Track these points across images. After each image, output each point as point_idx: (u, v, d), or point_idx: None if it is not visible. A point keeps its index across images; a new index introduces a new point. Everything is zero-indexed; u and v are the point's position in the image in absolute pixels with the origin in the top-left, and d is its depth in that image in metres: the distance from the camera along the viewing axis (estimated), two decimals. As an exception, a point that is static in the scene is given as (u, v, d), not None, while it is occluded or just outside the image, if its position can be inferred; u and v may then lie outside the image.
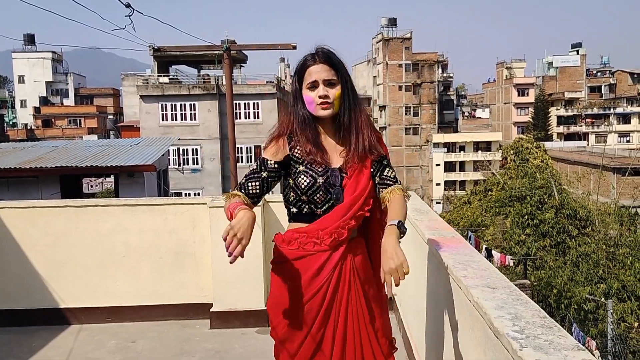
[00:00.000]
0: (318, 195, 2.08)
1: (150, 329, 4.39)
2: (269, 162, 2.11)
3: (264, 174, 2.10)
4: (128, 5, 4.01)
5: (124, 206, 4.54)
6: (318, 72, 2.09)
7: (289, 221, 2.19)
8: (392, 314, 4.52)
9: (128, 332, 4.34)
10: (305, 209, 2.11)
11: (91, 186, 37.98)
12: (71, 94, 69.64)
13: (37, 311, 4.50)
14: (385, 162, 2.19)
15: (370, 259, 2.23)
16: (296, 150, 2.12)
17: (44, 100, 66.73)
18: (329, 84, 2.09)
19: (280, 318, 2.10)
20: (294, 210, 2.14)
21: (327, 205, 2.09)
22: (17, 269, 4.51)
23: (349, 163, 2.12)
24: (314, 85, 2.09)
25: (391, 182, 2.16)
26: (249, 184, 2.09)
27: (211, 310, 4.40)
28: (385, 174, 2.17)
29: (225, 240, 1.84)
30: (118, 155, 13.79)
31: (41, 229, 4.53)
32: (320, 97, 2.07)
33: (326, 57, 2.11)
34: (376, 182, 2.16)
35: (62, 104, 67.92)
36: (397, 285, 1.85)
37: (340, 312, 2.07)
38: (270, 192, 2.29)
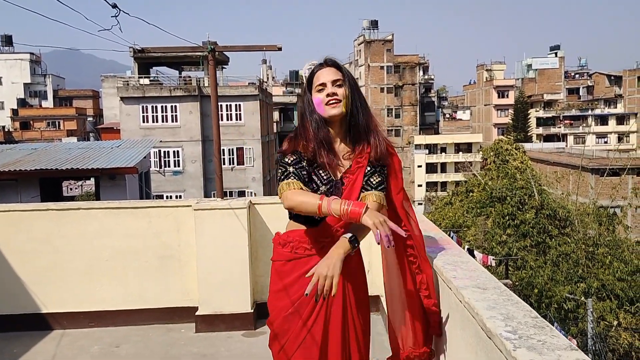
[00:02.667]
0: None
1: (134, 333, 4.33)
2: (301, 154, 2.12)
3: (304, 163, 2.12)
4: (115, 6, 3.95)
5: (108, 209, 4.48)
6: (326, 74, 2.16)
7: (289, 218, 2.23)
8: (378, 315, 4.53)
9: (112, 337, 4.27)
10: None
11: (70, 189, 37.42)
12: (50, 95, 68.61)
13: (18, 316, 4.42)
14: (379, 169, 2.19)
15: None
16: (308, 152, 2.15)
17: (22, 102, 65.63)
18: (336, 84, 2.14)
19: (276, 312, 2.16)
20: (294, 213, 2.18)
21: None
22: (-3, 273, 4.42)
23: (348, 173, 2.15)
24: (322, 88, 2.14)
25: (369, 188, 2.15)
26: (298, 172, 2.09)
27: (197, 313, 4.36)
28: (371, 179, 2.17)
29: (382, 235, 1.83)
30: (99, 157, 13.60)
31: (23, 233, 4.44)
32: (328, 95, 2.12)
33: (333, 62, 2.19)
34: (362, 185, 2.16)
35: (40, 105, 66.89)
36: (321, 294, 1.86)
37: (330, 310, 2.11)
38: (253, 195, 2.30)
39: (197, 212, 4.28)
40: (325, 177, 2.13)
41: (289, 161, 2.09)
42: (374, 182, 2.16)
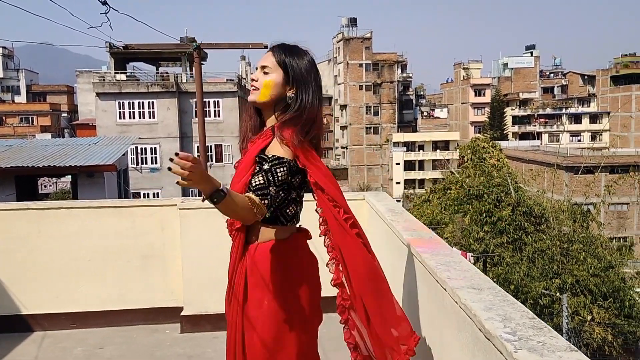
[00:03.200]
0: None
1: (118, 334, 4.27)
2: None
3: None
4: (105, 3, 3.87)
5: (89, 208, 4.40)
6: (262, 59, 2.06)
7: None
8: (364, 314, 4.54)
9: (95, 338, 4.20)
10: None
11: (45, 186, 36.76)
12: (23, 90, 67.26)
13: (-3, 318, 4.32)
14: (265, 168, 1.96)
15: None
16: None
17: (-6, 97, 64.32)
18: (263, 70, 2.03)
19: None
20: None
21: None
22: (-25, 274, 4.32)
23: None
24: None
25: (248, 190, 1.96)
26: None
27: (182, 314, 4.31)
28: (253, 180, 1.97)
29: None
30: (76, 155, 13.36)
31: (1, 233, 4.34)
32: (252, 79, 2.03)
33: (273, 47, 2.07)
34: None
35: (13, 101, 65.54)
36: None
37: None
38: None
39: (182, 211, 4.23)
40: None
41: None
42: (255, 184, 1.95)
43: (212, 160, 32.23)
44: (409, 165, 63.06)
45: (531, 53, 77.56)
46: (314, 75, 2.08)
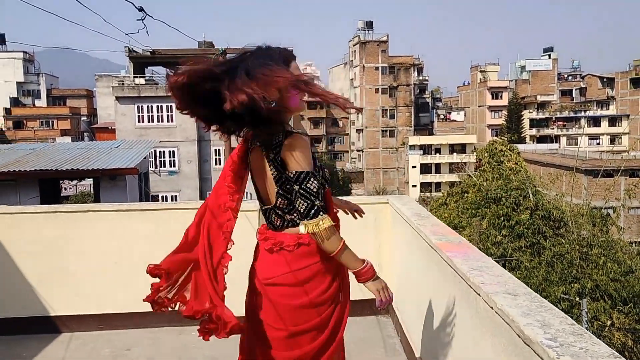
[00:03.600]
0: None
1: (144, 336, 4.32)
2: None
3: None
4: (141, 9, 3.94)
5: (118, 211, 4.46)
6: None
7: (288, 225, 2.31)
8: (387, 318, 4.54)
9: (122, 340, 4.26)
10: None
11: (65, 189, 37.27)
12: (43, 94, 68.23)
13: (26, 319, 4.39)
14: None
15: None
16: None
17: (15, 101, 65.23)
18: None
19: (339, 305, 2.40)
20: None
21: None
22: (5, 276, 4.39)
23: None
24: None
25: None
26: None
27: (207, 316, 4.35)
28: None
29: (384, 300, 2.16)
30: (99, 158, 13.53)
31: (30, 235, 4.42)
32: None
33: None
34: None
35: (33, 105, 66.49)
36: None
37: None
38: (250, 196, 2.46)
39: (209, 214, 4.27)
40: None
41: (318, 188, 2.06)
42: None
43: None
44: (425, 169, 62.80)
45: (549, 55, 76.84)
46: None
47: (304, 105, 2.13)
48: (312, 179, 2.01)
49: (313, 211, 1.99)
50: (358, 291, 4.66)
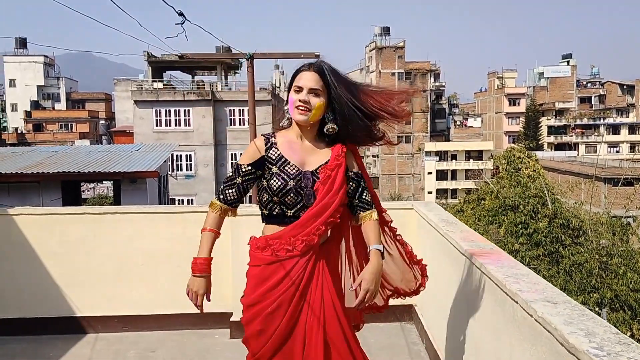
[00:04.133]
0: (289, 197, 2.16)
1: (169, 338, 4.34)
2: (242, 167, 2.23)
3: (239, 180, 2.25)
4: (181, 14, 3.99)
5: (143, 214, 4.50)
6: (307, 79, 2.17)
7: (263, 222, 2.33)
8: (411, 324, 4.51)
9: (146, 342, 4.28)
10: (276, 211, 2.21)
11: (82, 191, 37.66)
12: (63, 98, 69.18)
13: (52, 320, 4.44)
14: (363, 184, 2.29)
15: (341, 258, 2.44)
16: (271, 152, 2.20)
17: (35, 104, 66.23)
18: (314, 93, 2.16)
19: (253, 316, 2.20)
20: (266, 212, 2.26)
21: (297, 207, 2.18)
22: (32, 277, 4.45)
23: (324, 168, 2.19)
24: (299, 90, 2.17)
25: (368, 207, 2.29)
26: (226, 192, 2.29)
27: (231, 319, 4.36)
28: (363, 197, 2.28)
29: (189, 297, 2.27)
30: (120, 161, 13.66)
31: (58, 237, 4.47)
32: (300, 100, 2.15)
33: (319, 68, 2.19)
34: (355, 203, 2.27)
35: (53, 108, 67.44)
36: (357, 306, 2.12)
37: (310, 309, 2.17)
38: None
39: (233, 218, 4.29)
40: (292, 172, 2.17)
41: (226, 177, 2.28)
42: (369, 199, 2.29)
43: (245, 168, 32.56)
44: (441, 175, 62.49)
45: (568, 62, 76.17)
46: (345, 92, 2.22)
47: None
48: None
49: None
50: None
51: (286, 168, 2.18)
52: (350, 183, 2.25)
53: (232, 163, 32.87)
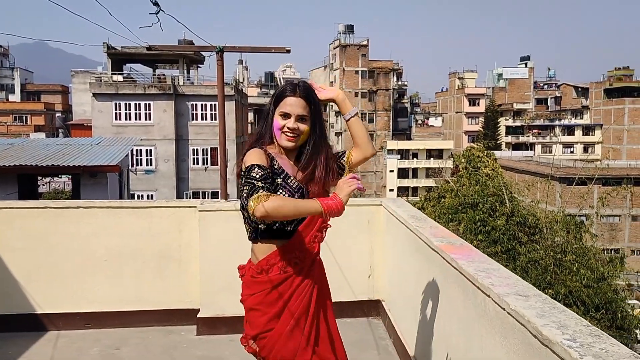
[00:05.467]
0: None
1: (133, 335, 4.26)
2: (260, 168, 2.02)
3: (270, 171, 2.05)
4: (155, 3, 3.88)
5: (107, 208, 4.39)
6: (294, 105, 2.15)
7: (255, 238, 2.14)
8: (378, 320, 4.56)
9: (110, 339, 4.19)
10: (276, 225, 2.10)
11: (38, 186, 36.47)
12: (17, 89, 66.83)
13: (12, 316, 4.30)
14: (331, 153, 2.32)
15: None
16: (274, 163, 2.14)
17: (-12, 95, 63.83)
18: (301, 119, 2.16)
19: (271, 341, 2.10)
20: (262, 226, 2.10)
21: (295, 221, 2.12)
22: (-10, 272, 4.30)
23: (311, 183, 2.18)
24: (286, 115, 2.15)
25: (342, 155, 2.38)
26: (262, 183, 1.96)
27: (198, 316, 4.31)
28: (339, 161, 2.35)
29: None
30: (79, 154, 13.26)
31: (18, 231, 4.33)
32: (289, 128, 2.14)
33: (306, 93, 2.18)
34: (338, 165, 2.33)
35: (7, 99, 65.05)
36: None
37: (319, 312, 2.20)
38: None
39: (202, 213, 4.24)
40: (294, 186, 2.14)
41: (257, 176, 1.97)
42: (339, 155, 2.37)
43: (207, 164, 32.20)
44: (402, 173, 63.18)
45: (526, 64, 78.12)
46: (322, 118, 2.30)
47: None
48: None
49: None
50: (349, 293, 4.67)
51: (289, 181, 2.14)
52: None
53: (193, 159, 32.45)
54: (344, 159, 2.35)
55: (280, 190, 2.08)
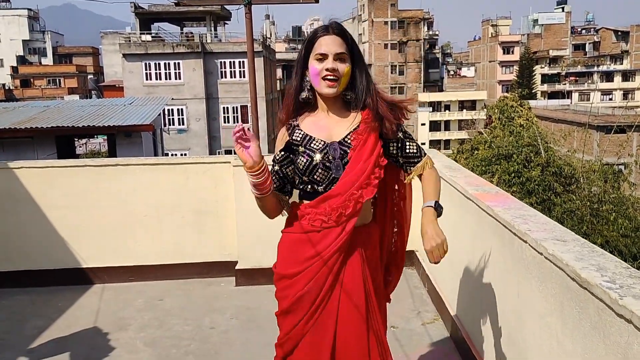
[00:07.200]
0: (317, 173, 1.96)
1: (175, 287, 4.42)
2: (276, 155, 2.02)
3: (276, 167, 2.00)
4: None
5: (145, 165, 4.50)
6: (329, 44, 1.93)
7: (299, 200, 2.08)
8: (412, 269, 4.61)
9: (153, 291, 4.36)
10: (308, 188, 2.00)
11: (75, 147, 37.30)
12: (49, 52, 67.66)
13: (59, 271, 4.50)
14: (402, 136, 2.04)
15: (382, 243, 2.21)
16: (295, 135, 2.01)
17: (22, 60, 64.80)
18: (339, 58, 1.93)
19: (282, 295, 2.04)
20: (301, 193, 2.04)
21: (328, 181, 1.96)
22: (36, 229, 4.48)
23: (355, 134, 1.97)
24: (322, 58, 1.93)
25: (417, 159, 2.07)
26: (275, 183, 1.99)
27: (236, 268, 4.43)
28: (407, 150, 2.05)
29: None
30: (113, 115, 13.51)
31: (60, 190, 4.47)
32: (328, 70, 1.91)
33: (340, 30, 1.97)
34: (401, 162, 2.06)
35: (40, 63, 66.00)
36: (436, 262, 1.95)
37: (347, 297, 1.96)
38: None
39: (236, 168, 4.29)
40: (317, 146, 1.97)
41: (277, 157, 1.97)
42: (414, 150, 2.06)
43: (237, 122, 32.29)
44: (434, 126, 62.36)
45: (562, 8, 74.97)
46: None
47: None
48: None
49: None
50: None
51: (311, 145, 1.97)
52: (393, 144, 2.04)
53: (224, 117, 32.61)
54: (411, 174, 2.11)
55: (300, 158, 1.97)
